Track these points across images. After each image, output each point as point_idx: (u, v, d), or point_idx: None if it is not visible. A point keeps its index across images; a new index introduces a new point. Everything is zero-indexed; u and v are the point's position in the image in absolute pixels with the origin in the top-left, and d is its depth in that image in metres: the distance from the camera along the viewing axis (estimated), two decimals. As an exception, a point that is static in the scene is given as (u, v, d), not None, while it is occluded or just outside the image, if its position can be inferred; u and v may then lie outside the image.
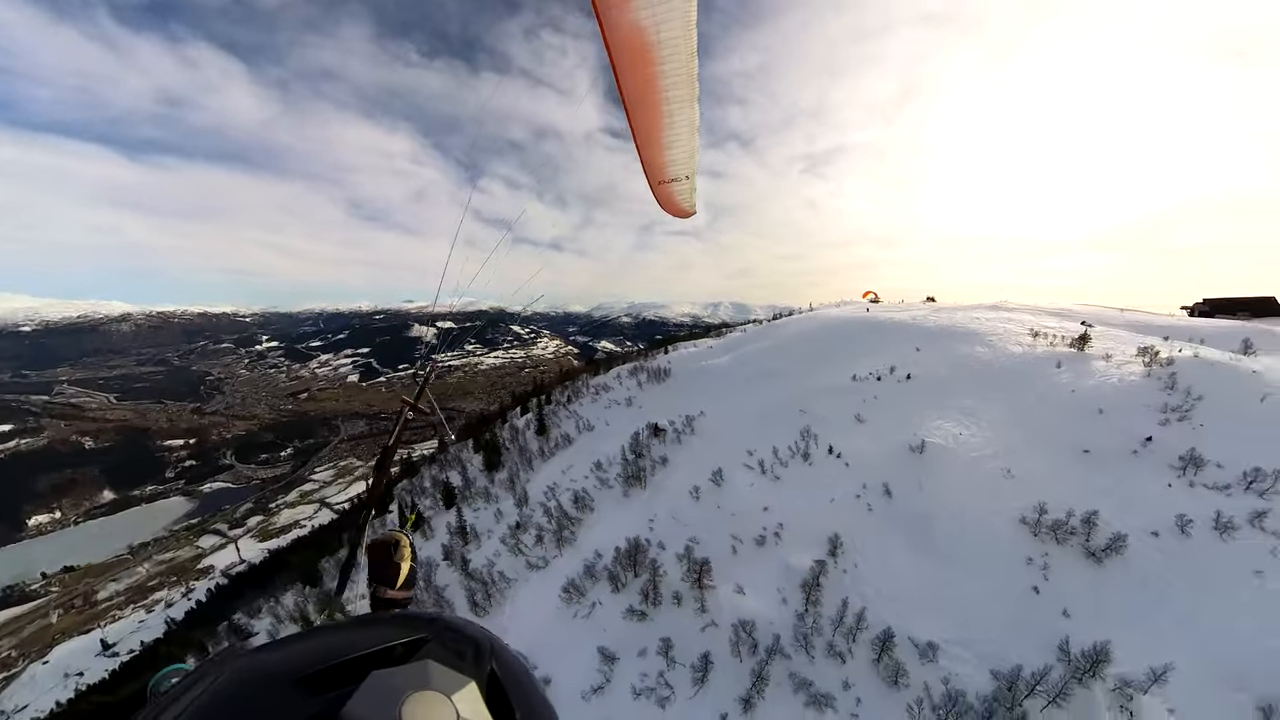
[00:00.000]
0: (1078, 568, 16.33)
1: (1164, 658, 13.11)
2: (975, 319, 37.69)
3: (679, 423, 35.28)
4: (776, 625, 17.26)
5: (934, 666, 14.53)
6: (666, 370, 51.03)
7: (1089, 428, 21.85)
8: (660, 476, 29.97)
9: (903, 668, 14.65)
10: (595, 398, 52.70)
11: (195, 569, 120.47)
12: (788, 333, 50.25)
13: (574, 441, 43.99)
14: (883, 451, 23.68)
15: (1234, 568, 15.46)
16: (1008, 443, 21.91)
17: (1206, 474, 18.34)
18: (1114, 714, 12.36)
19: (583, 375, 72.08)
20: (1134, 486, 18.71)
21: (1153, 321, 36.71)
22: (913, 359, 31.79)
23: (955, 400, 25.98)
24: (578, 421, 47.42)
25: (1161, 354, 24.76)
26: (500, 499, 39.38)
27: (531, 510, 32.41)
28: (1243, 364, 23.91)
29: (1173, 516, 16.96)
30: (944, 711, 13.03)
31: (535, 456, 45.15)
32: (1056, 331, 31.66)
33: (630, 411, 44.84)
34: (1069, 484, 19.34)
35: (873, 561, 18.60)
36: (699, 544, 21.87)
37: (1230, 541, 16.10)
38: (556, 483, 34.96)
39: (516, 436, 52.59)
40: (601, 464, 33.72)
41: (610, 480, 31.74)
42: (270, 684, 0.61)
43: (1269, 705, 11.99)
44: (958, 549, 17.95)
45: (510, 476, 42.02)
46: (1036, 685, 12.81)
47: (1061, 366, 26.54)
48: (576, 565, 23.46)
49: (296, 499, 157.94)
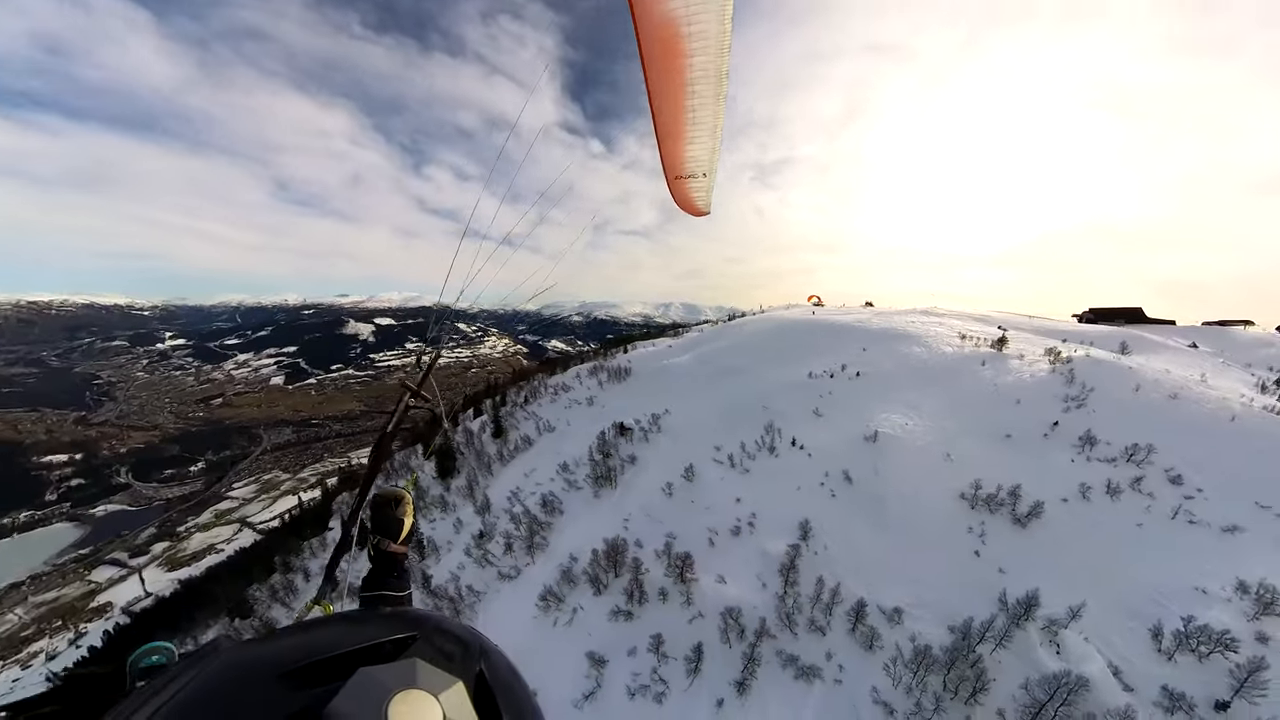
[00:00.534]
0: (1008, 532, 19.23)
1: (1078, 599, 15.97)
2: (911, 322, 42.05)
3: (645, 421, 35.35)
4: (760, 609, 18.42)
5: (901, 628, 16.54)
6: (627, 369, 50.83)
7: (1009, 415, 25.48)
8: (630, 475, 30.11)
9: (876, 633, 16.51)
10: (554, 398, 51.45)
11: (87, 609, 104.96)
12: (744, 333, 52.60)
13: (534, 443, 42.76)
14: (840, 442, 26.10)
15: (1122, 523, 18.97)
16: (946, 430, 25.04)
17: (1098, 450, 22.15)
18: (1045, 648, 14.91)
19: (538, 375, 69.29)
20: (1046, 463, 22.20)
21: (1054, 327, 42.78)
22: (861, 358, 35.04)
23: (900, 394, 29.12)
24: (537, 423, 46.12)
25: (1062, 354, 29.27)
26: (459, 507, 37.51)
27: (495, 517, 31.14)
28: (1122, 361, 28.83)
29: (1076, 485, 20.43)
30: (915, 666, 14.93)
31: (494, 460, 43.15)
32: (979, 334, 36.19)
33: (592, 411, 44.16)
34: (996, 463, 22.55)
35: (839, 541, 20.59)
36: (677, 539, 22.43)
37: (1118, 502, 19.69)
38: (520, 487, 33.98)
39: (472, 440, 49.66)
40: (568, 465, 33.21)
41: (579, 481, 31.30)
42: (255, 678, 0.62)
43: (1157, 626, 15.06)
44: (911, 524, 20.42)
45: (469, 483, 39.81)
46: (985, 633, 15.14)
47: (985, 365, 30.56)
48: (552, 571, 23.04)
49: (211, 520, 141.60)
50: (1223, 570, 16.75)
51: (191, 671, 0.66)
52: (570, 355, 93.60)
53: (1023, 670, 14.32)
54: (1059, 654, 14.84)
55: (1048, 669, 14.11)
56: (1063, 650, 14.89)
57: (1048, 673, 13.85)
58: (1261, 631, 14.77)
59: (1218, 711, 13.36)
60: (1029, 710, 13.27)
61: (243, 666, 0.66)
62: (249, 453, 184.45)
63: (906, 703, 14.40)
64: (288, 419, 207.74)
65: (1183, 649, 14.58)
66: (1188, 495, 19.54)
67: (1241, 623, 15.08)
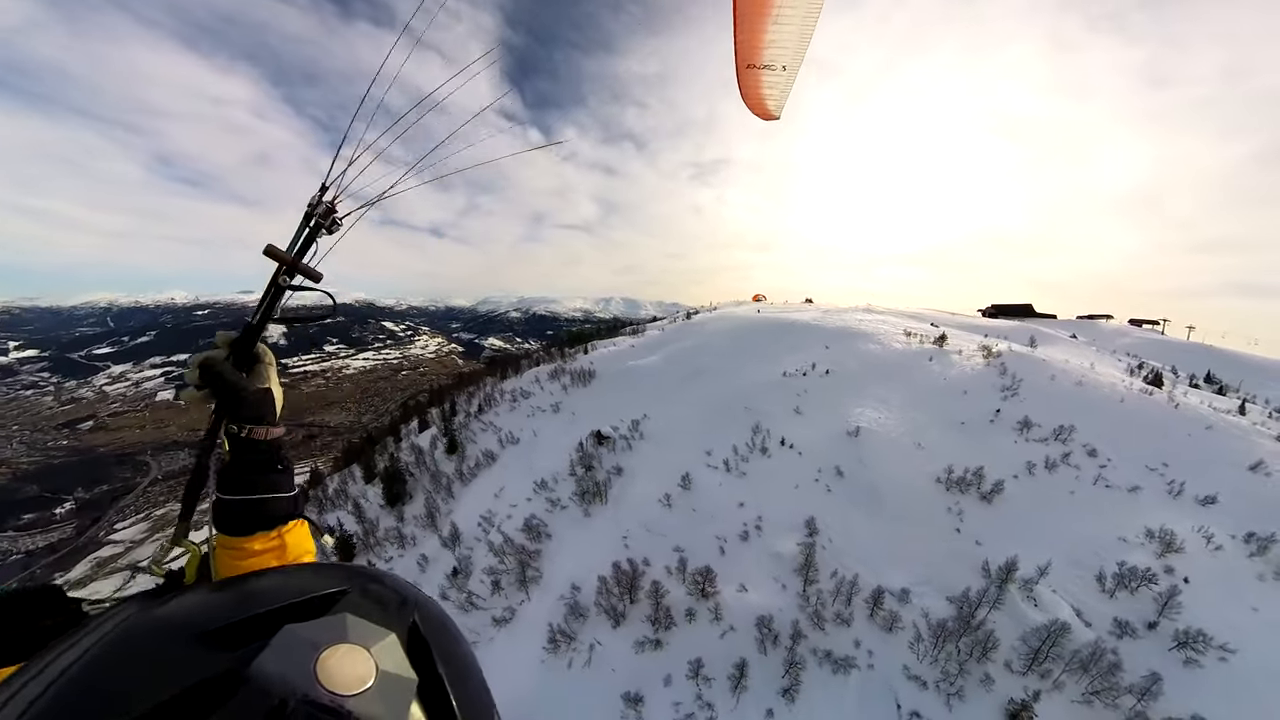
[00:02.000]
0: (978, 508, 22.63)
1: (1042, 559, 19.39)
2: (860, 321, 46.61)
3: (624, 428, 34.15)
4: (786, 611, 19.19)
5: (911, 607, 18.68)
6: (591, 372, 48.14)
7: (960, 405, 29.60)
8: (620, 488, 28.60)
9: (896, 615, 18.35)
10: (513, 405, 47.94)
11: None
12: (707, 332, 53.68)
13: (498, 458, 38.92)
14: (825, 438, 28.64)
15: (1060, 492, 23.09)
16: (914, 421, 28.55)
17: (1033, 432, 26.57)
18: (1026, 604, 18.03)
19: (488, 380, 65.56)
20: (995, 445, 26.22)
21: (972, 323, 49.44)
22: (827, 356, 38.37)
23: (868, 390, 32.54)
24: (497, 434, 42.31)
25: (993, 349, 34.28)
26: (419, 540, 33.31)
27: (469, 549, 27.84)
28: (1036, 354, 34.48)
29: (1023, 463, 24.47)
30: (934, 639, 17.11)
31: (453, 480, 38.54)
32: (920, 332, 41.09)
33: (560, 419, 41.42)
34: (957, 448, 26.22)
35: (841, 533, 22.51)
36: (686, 551, 22.24)
37: (1055, 474, 23.90)
38: (492, 511, 30.81)
39: (422, 458, 44.53)
40: (546, 482, 30.76)
41: (563, 500, 29.05)
42: (169, 638, 0.56)
43: (1100, 572, 18.77)
44: (900, 509, 23.20)
45: (428, 510, 35.02)
46: (981, 599, 18.01)
47: (932, 360, 34.99)
48: (553, 606, 21.19)
49: (91, 571, 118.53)
50: (1134, 522, 21.14)
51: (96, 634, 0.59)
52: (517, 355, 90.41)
53: (1014, 626, 17.22)
54: (1037, 607, 18.06)
55: (1033, 621, 17.16)
56: (1039, 603, 18.14)
57: (1034, 625, 16.86)
58: (1168, 565, 18.97)
59: (1149, 629, 17.19)
60: (1028, 657, 16.15)
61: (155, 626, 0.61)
62: (133, 485, 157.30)
63: (934, 672, 16.55)
64: (182, 440, 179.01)
65: (1120, 588, 18.36)
66: (1101, 465, 24.22)
67: (1153, 560, 19.27)
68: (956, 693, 15.86)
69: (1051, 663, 16.08)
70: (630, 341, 61.43)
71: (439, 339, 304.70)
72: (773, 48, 4.60)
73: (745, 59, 4.76)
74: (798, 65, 4.72)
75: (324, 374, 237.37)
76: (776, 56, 4.67)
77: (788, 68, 4.74)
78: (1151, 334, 54.83)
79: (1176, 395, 30.35)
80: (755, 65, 4.78)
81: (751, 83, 4.95)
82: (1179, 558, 19.23)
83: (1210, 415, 27.92)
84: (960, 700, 15.76)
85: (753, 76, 4.86)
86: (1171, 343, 52.45)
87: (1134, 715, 14.77)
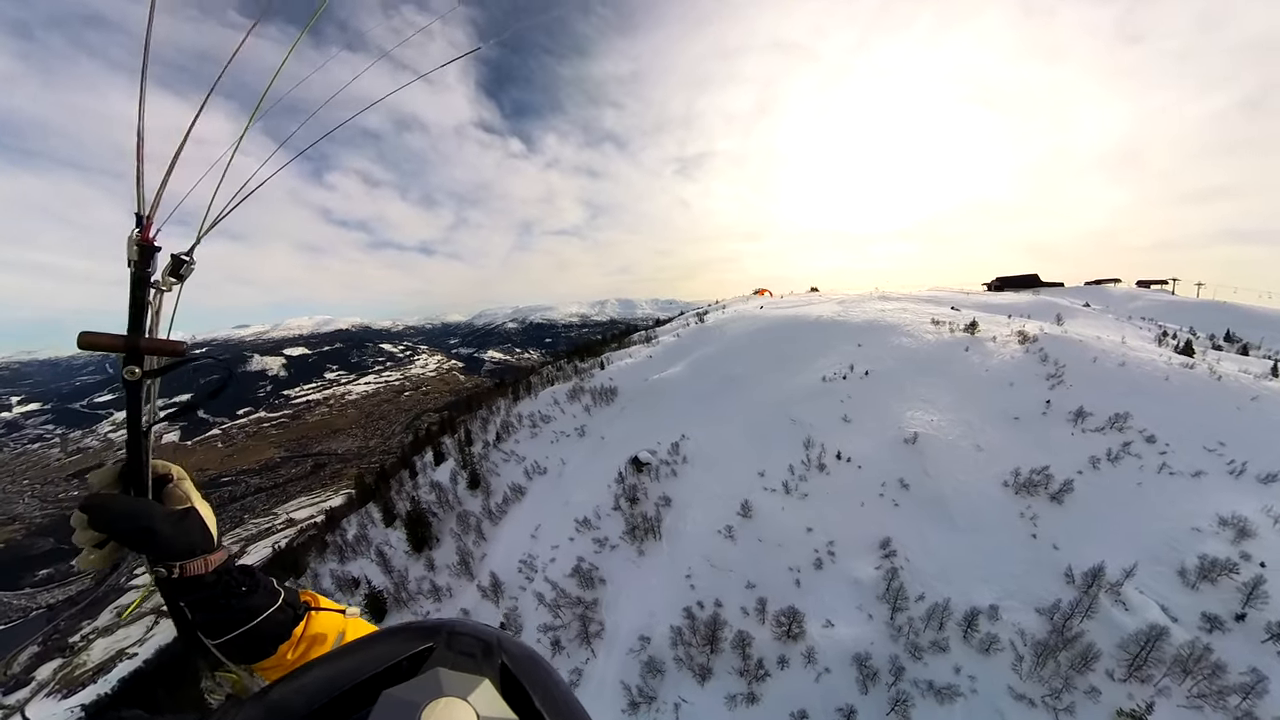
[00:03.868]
0: (1049, 511, 22.93)
1: (1120, 557, 19.79)
2: (882, 311, 46.58)
3: (663, 452, 32.22)
4: (878, 643, 18.93)
5: (1003, 624, 18.82)
6: (612, 389, 46.01)
7: (1008, 398, 29.83)
8: (672, 521, 27.18)
9: (991, 636, 18.36)
10: (534, 430, 45.69)
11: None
12: (729, 336, 51.51)
13: (527, 492, 36.85)
14: (882, 447, 28.39)
15: (1126, 484, 23.46)
16: (966, 421, 28.75)
17: (1089, 422, 26.89)
18: (1116, 608, 18.43)
19: (499, 401, 64.18)
20: (1053, 440, 26.52)
21: (985, 300, 49.52)
22: (861, 354, 38.31)
23: (911, 389, 32.65)
24: (522, 465, 40.02)
25: (1029, 333, 34.44)
26: (456, 591, 31.36)
27: (514, 600, 26.39)
28: (1070, 334, 34.64)
29: (1086, 458, 24.81)
30: (1035, 657, 17.34)
31: (482, 520, 36.21)
32: (948, 319, 41.15)
33: (588, 444, 39.22)
34: (1016, 446, 26.49)
35: (919, 551, 22.44)
36: (758, 587, 21.52)
37: (1119, 467, 24.27)
38: (532, 554, 29.11)
39: (444, 496, 42.11)
40: (589, 520, 29.10)
41: (611, 538, 27.39)
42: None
43: (1181, 566, 19.18)
44: (972, 519, 23.37)
45: (460, 557, 32.94)
46: (1074, 609, 18.31)
47: (969, 350, 35.12)
48: (623, 662, 20.06)
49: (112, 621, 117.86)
50: (1204, 509, 21.55)
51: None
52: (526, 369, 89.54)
53: (1109, 632, 17.63)
54: (1127, 610, 18.50)
55: (1126, 626, 17.63)
56: (1129, 606, 18.57)
57: (1129, 630, 17.33)
58: (1245, 552, 19.40)
59: (1238, 621, 17.62)
60: (1128, 664, 16.60)
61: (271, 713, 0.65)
62: None
63: (1039, 690, 16.89)
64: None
65: (1202, 580, 18.82)
66: (1161, 451, 24.61)
67: (1229, 548, 19.67)
68: (1066, 709, 16.33)
69: (1152, 668, 16.54)
70: (647, 351, 58.81)
71: (438, 357, 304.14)
72: None
73: None
74: None
75: (327, 402, 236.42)
76: None
77: None
78: (1162, 295, 55.27)
79: (1215, 365, 30.70)
80: None
81: None
82: (1253, 543, 19.68)
83: (1252, 385, 28.33)
84: (1070, 716, 16.21)
85: None
86: (1184, 303, 52.97)
87: (1242, 716, 15.21)
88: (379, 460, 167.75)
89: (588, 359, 67.54)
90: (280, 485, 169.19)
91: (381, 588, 33.46)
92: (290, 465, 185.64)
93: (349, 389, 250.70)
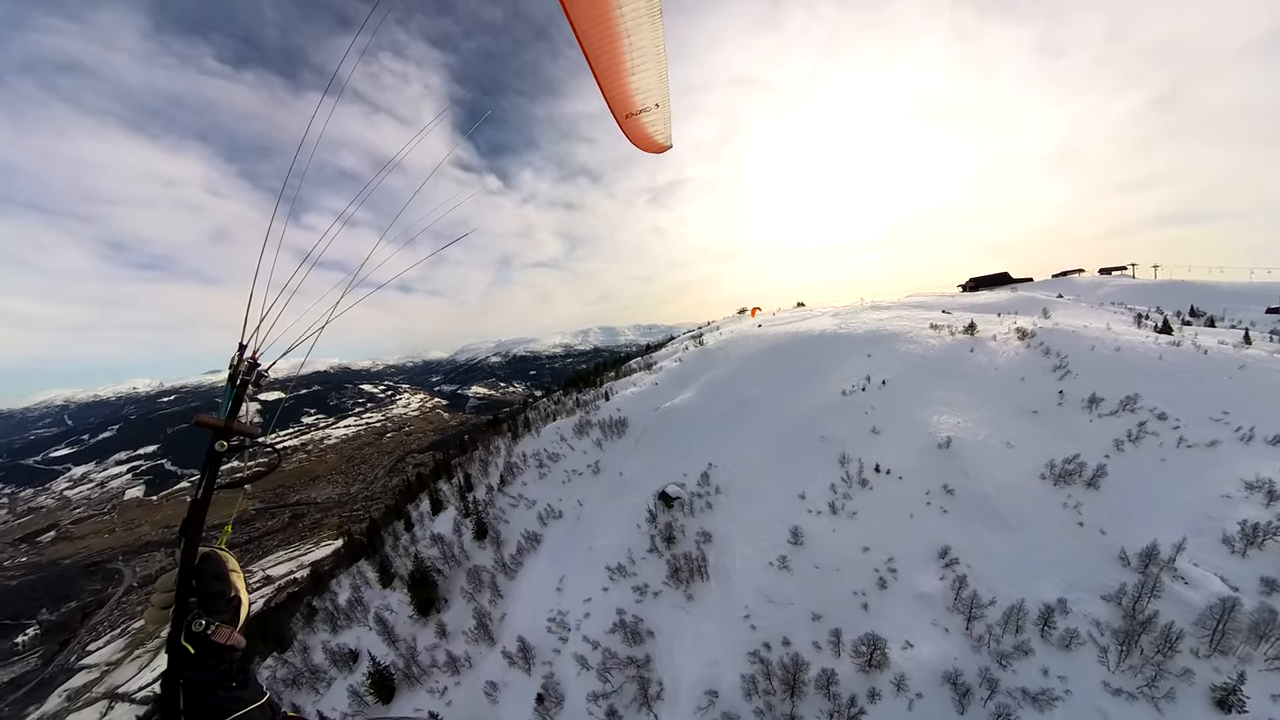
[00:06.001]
0: (1089, 498, 24.03)
1: (1166, 533, 20.78)
2: (881, 320, 48.58)
3: (691, 484, 31.33)
4: (961, 657, 18.72)
5: (1075, 616, 19.19)
6: (622, 420, 44.67)
7: (1023, 392, 31.43)
8: (718, 558, 25.97)
9: (1071, 632, 18.50)
10: (542, 470, 43.54)
11: None
12: (734, 357, 51.57)
13: (543, 540, 34.11)
14: (917, 454, 28.99)
15: (1151, 461, 24.91)
16: (990, 420, 30.04)
17: (1103, 406, 28.58)
18: (1177, 584, 19.29)
19: (495, 439, 61.73)
20: (1075, 428, 28.01)
21: (973, 301, 52.33)
22: (873, 365, 39.63)
23: (929, 393, 33.96)
24: (534, 509, 37.45)
25: (1026, 329, 36.59)
26: (476, 661, 28.20)
27: (548, 664, 23.87)
28: (1062, 326, 36.97)
29: (1110, 441, 26.27)
30: (1120, 646, 17.68)
31: (495, 574, 33.18)
32: (943, 323, 43.27)
33: (605, 482, 37.20)
34: (1042, 438, 27.81)
35: (976, 555, 22.79)
36: (824, 616, 20.76)
37: (1141, 446, 25.78)
38: (561, 610, 26.56)
39: (448, 550, 38.78)
40: (623, 567, 27.06)
41: (653, 585, 25.54)
42: None
43: (1224, 534, 20.26)
44: (1020, 516, 24.15)
45: (477, 619, 29.57)
46: (1140, 591, 18.99)
47: (974, 351, 36.95)
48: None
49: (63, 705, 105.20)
50: (1229, 476, 23.07)
51: None
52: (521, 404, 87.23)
53: (1181, 610, 18.31)
54: (1188, 584, 19.41)
55: (1195, 601, 18.45)
56: (1189, 580, 19.49)
57: (1200, 605, 18.11)
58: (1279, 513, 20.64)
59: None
60: (1209, 639, 17.31)
61: None
62: (106, 597, 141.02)
63: (1134, 681, 17.20)
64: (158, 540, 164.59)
65: (1250, 545, 19.97)
66: (1175, 426, 26.36)
67: (1263, 511, 20.98)
68: (1165, 695, 16.66)
69: (1231, 638, 17.27)
70: (651, 378, 57.55)
71: (421, 395, 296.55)
72: (640, 94, 5.08)
73: (622, 113, 5.24)
74: (668, 96, 5.25)
75: (304, 448, 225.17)
76: (647, 99, 5.15)
77: (660, 104, 5.26)
78: (1124, 279, 59.94)
79: (1197, 340, 33.31)
80: (633, 114, 5.26)
81: (635, 129, 5.49)
82: (1282, 504, 21.06)
83: (1235, 354, 30.84)
84: (1171, 702, 16.50)
85: (635, 123, 5.40)
86: (1146, 285, 57.43)
87: None
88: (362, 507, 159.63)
89: (589, 390, 65.23)
90: (255, 539, 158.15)
91: (387, 662, 30.27)
92: (266, 517, 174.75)
93: (328, 433, 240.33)
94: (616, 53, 4.60)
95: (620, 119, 5.31)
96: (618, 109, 5.20)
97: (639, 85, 4.97)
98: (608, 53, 4.59)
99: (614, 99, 5.08)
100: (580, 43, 4.41)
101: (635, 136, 5.61)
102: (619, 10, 4.28)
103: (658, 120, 5.43)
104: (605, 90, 4.97)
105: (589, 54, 4.55)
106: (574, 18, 4.17)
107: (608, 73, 4.78)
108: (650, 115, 5.33)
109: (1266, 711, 15.49)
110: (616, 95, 5.04)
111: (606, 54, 4.60)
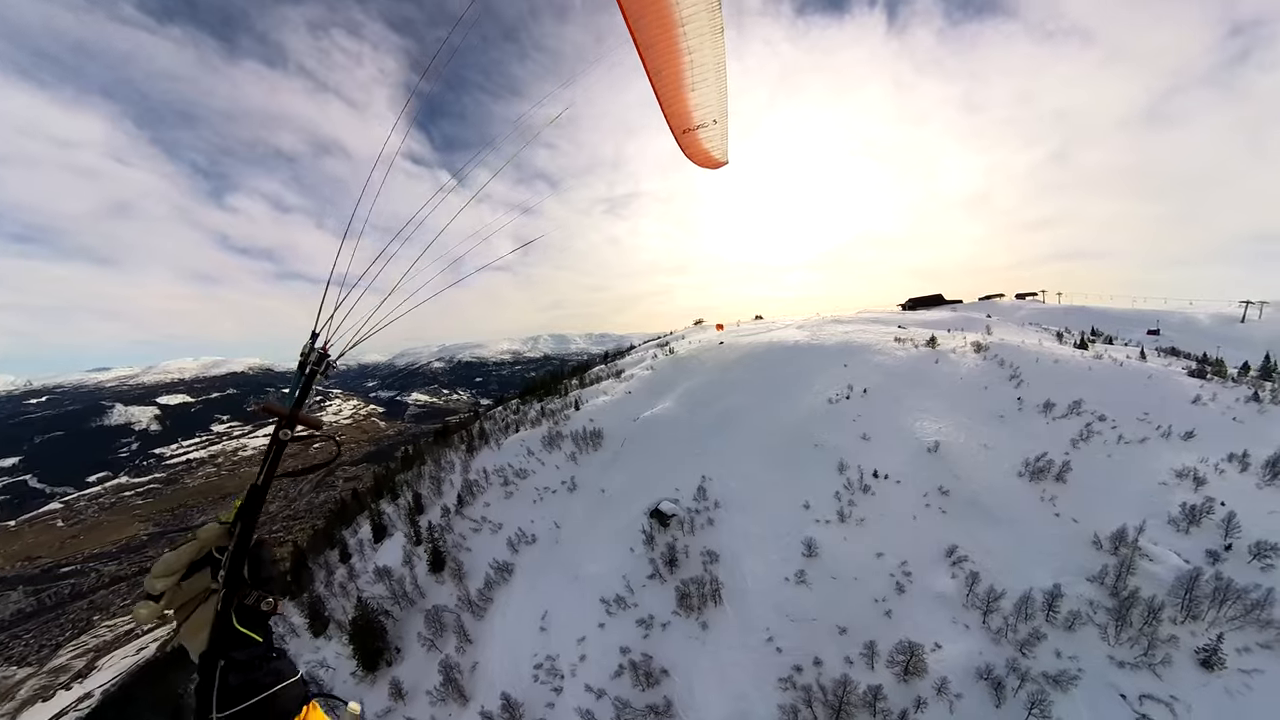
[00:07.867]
0: (1060, 490, 27.13)
1: (1125, 518, 23.88)
2: (847, 333, 52.16)
3: (686, 499, 29.79)
4: (986, 651, 19.59)
5: (1072, 598, 21.15)
6: (597, 432, 42.01)
7: (988, 400, 35.11)
8: (729, 579, 24.33)
9: (1070, 613, 20.26)
10: (508, 489, 39.22)
11: None
12: (710, 366, 51.52)
13: (514, 570, 29.61)
14: (909, 459, 30.79)
15: (1100, 456, 28.77)
16: (966, 425, 33.14)
17: (1055, 410, 32.69)
18: (1143, 561, 22.07)
19: (447, 452, 55.70)
20: (1035, 430, 31.71)
21: (921, 318, 57.90)
22: (850, 375, 41.77)
23: (906, 401, 36.76)
24: (500, 534, 33.02)
25: (980, 343, 41.07)
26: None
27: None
28: (1009, 341, 42.03)
29: (1066, 440, 30.02)
30: (1115, 624, 19.73)
31: (461, 614, 27.62)
32: (905, 336, 47.37)
33: (583, 500, 34.34)
34: (1011, 441, 31.10)
35: (979, 551, 24.38)
36: (851, 629, 20.75)
37: (1090, 444, 29.70)
38: (550, 655, 22.78)
39: (398, 587, 32.34)
40: (621, 597, 24.15)
41: (659, 615, 23.07)
42: None
43: (1168, 515, 23.78)
44: (1007, 511, 26.59)
45: (443, 673, 23.43)
46: (1120, 571, 21.66)
47: (938, 362, 40.78)
48: None
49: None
50: (1161, 466, 27.28)
51: None
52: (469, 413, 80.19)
53: (1150, 584, 21.05)
54: (1153, 562, 22.48)
55: (1162, 576, 21.29)
56: (1153, 558, 22.57)
57: (1166, 579, 20.86)
58: (1208, 496, 24.63)
59: (1228, 551, 22.26)
60: (1181, 605, 19.93)
61: None
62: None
63: (1133, 653, 19.18)
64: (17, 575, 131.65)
65: (1191, 524, 23.60)
66: (1113, 426, 30.75)
67: (1193, 495, 24.95)
68: (1162, 661, 18.76)
69: (1198, 604, 20.07)
70: (623, 388, 54.86)
71: (354, 401, 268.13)
72: (700, 110, 5.11)
73: (680, 127, 5.25)
74: (726, 112, 5.26)
75: (213, 460, 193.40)
76: (706, 115, 5.18)
77: (718, 119, 5.29)
78: (1036, 303, 69.93)
79: (1113, 355, 39.24)
80: (690, 129, 5.28)
81: (693, 144, 5.50)
82: (1208, 487, 25.32)
83: (1141, 366, 36.80)
84: (1168, 666, 18.60)
85: (693, 139, 5.42)
86: (1054, 308, 67.59)
87: (1265, 624, 19.03)
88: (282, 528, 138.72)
89: (554, 399, 60.60)
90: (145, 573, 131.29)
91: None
92: (162, 543, 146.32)
93: (243, 443, 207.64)
94: (677, 68, 4.64)
95: (677, 134, 5.33)
96: (675, 124, 5.22)
97: (698, 101, 5.03)
98: (668, 68, 4.63)
99: (672, 114, 5.12)
100: (641, 58, 4.44)
101: (692, 151, 5.65)
102: (682, 28, 4.30)
103: (715, 136, 5.46)
104: (664, 105, 5.02)
105: (649, 69, 4.58)
106: (636, 33, 4.20)
107: (668, 88, 4.83)
108: (708, 131, 5.37)
109: (1238, 664, 18.20)
110: (675, 110, 5.09)
111: (667, 69, 4.63)
